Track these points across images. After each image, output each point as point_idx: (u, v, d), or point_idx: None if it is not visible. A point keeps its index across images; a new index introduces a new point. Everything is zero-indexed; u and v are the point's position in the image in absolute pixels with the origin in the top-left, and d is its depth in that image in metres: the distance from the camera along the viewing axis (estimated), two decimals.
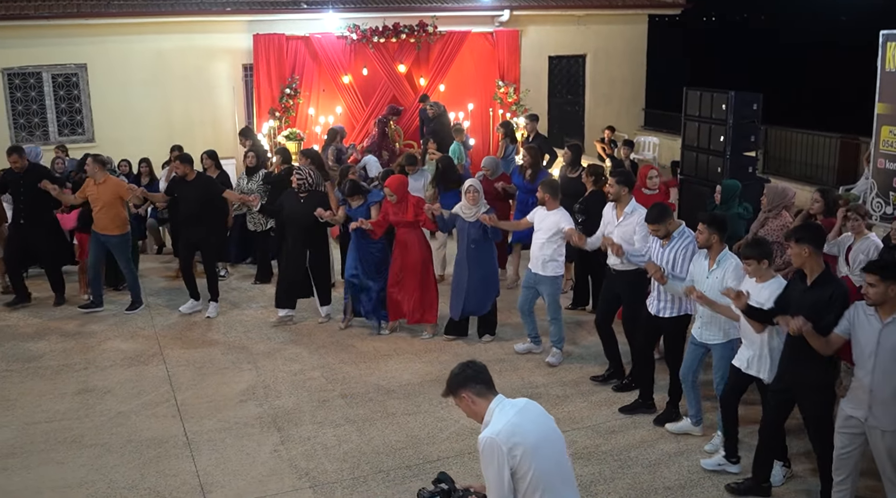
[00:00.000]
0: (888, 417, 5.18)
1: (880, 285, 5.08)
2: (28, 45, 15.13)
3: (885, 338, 5.13)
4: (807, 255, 5.56)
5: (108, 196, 9.88)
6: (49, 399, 7.86)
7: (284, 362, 8.64)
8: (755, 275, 6.01)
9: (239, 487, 6.30)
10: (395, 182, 9.08)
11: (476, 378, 4.09)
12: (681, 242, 6.95)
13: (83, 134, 15.88)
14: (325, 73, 15.99)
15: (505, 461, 3.86)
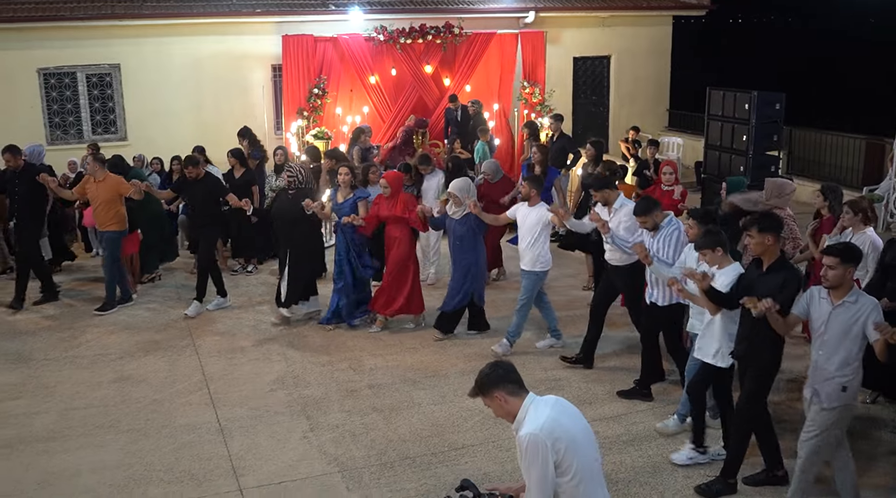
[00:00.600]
0: (827, 394, 5.47)
1: (839, 268, 5.34)
2: (63, 45, 15.50)
3: (833, 319, 5.41)
4: (770, 243, 5.81)
5: (108, 193, 10.06)
6: (86, 387, 8.13)
7: (313, 354, 8.87)
8: (713, 263, 6.27)
9: (270, 471, 6.52)
10: (392, 176, 9.39)
11: (507, 378, 4.16)
12: (667, 231, 7.24)
13: (116, 133, 16.24)
14: (353, 74, 16.23)
15: (549, 457, 3.94)
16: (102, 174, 10.10)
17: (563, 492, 4.02)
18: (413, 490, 6.22)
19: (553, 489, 3.99)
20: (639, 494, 6.18)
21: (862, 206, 7.62)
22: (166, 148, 14.04)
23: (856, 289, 5.48)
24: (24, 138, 14.51)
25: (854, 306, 5.36)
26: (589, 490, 4.04)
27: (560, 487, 4.00)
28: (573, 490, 4.00)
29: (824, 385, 5.48)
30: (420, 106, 16.60)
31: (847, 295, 5.40)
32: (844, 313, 5.38)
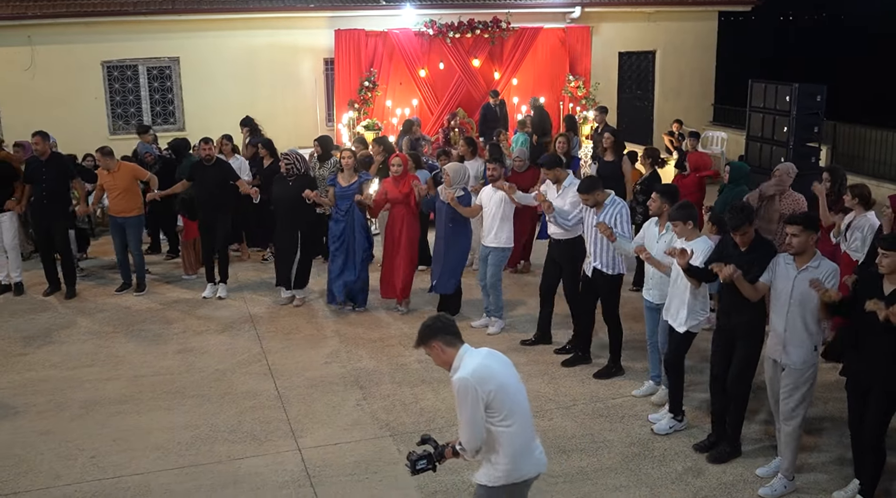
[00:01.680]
0: (798, 355, 5.86)
1: (802, 235, 5.73)
2: (126, 39, 16.16)
3: (798, 283, 5.78)
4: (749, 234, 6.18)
5: (125, 182, 10.41)
6: (153, 357, 8.67)
7: (365, 331, 9.31)
8: (682, 235, 6.71)
9: (326, 434, 6.97)
10: (405, 156, 9.91)
11: (445, 329, 4.60)
12: (613, 209, 7.69)
13: (174, 123, 16.87)
14: (402, 67, 16.65)
15: (479, 398, 4.38)
16: (116, 164, 10.46)
17: (494, 431, 4.47)
18: None
19: (483, 429, 4.44)
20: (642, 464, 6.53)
21: (862, 192, 7.95)
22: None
23: (818, 254, 5.86)
24: (88, 128, 15.33)
25: (816, 271, 5.74)
26: (518, 431, 4.50)
27: (492, 426, 4.45)
28: (504, 430, 4.46)
29: (797, 348, 5.88)
30: (467, 99, 16.97)
31: (810, 260, 5.80)
32: (807, 277, 5.71)
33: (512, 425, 4.48)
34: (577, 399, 7.58)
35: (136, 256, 10.82)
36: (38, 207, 10.49)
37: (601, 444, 6.77)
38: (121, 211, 10.51)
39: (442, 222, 9.48)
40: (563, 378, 8.01)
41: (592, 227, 7.78)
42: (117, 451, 6.74)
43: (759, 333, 6.27)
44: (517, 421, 4.50)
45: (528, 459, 4.59)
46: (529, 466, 4.61)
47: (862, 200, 7.93)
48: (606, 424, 7.09)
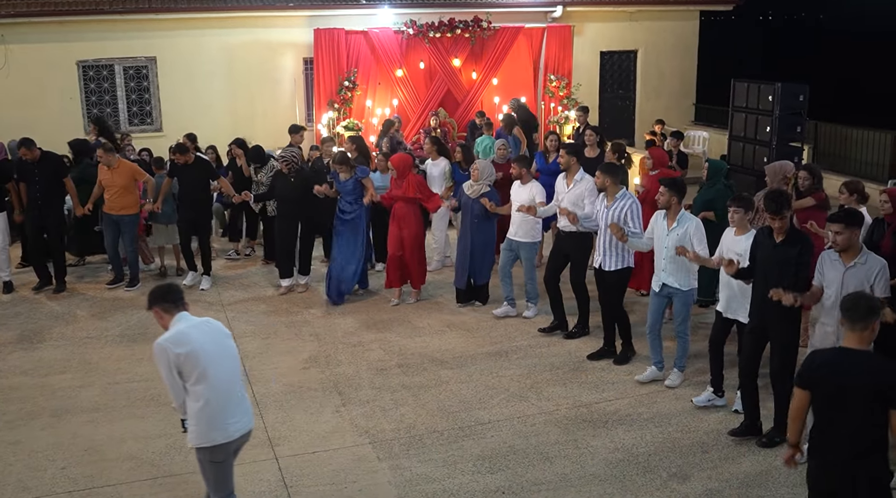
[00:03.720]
0: None
1: (845, 232, 5.80)
2: (101, 38, 15.89)
3: (848, 279, 5.85)
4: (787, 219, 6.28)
5: (124, 179, 10.46)
6: (128, 363, 8.48)
7: (344, 335, 9.17)
8: (738, 225, 6.86)
9: (304, 442, 6.82)
10: (397, 160, 10.02)
11: (164, 297, 5.03)
12: (624, 203, 7.91)
13: (152, 124, 16.64)
14: (382, 67, 16.50)
15: (170, 361, 4.83)
16: (116, 161, 10.50)
17: (192, 393, 4.88)
18: (440, 460, 6.49)
19: (179, 388, 4.91)
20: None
21: (856, 187, 7.97)
22: (200, 138, 14.27)
23: (864, 249, 5.94)
24: (63, 129, 15.01)
25: (864, 266, 5.85)
26: (208, 397, 4.87)
27: (188, 388, 4.88)
28: (193, 393, 4.87)
29: None
30: (448, 99, 16.84)
31: (858, 256, 5.88)
32: (857, 273, 5.83)
33: (201, 390, 4.86)
34: (560, 404, 7.46)
35: (129, 252, 10.87)
36: (32, 208, 10.55)
37: (585, 450, 6.65)
38: (118, 209, 10.55)
39: (468, 217, 9.72)
40: (547, 384, 7.89)
41: (605, 223, 7.97)
42: (89, 461, 6.56)
43: (797, 325, 6.41)
44: (208, 387, 4.86)
45: (215, 425, 4.92)
46: (217, 432, 4.93)
47: (859, 196, 7.89)
48: (590, 430, 6.97)
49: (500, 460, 6.50)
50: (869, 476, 4.41)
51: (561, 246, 8.93)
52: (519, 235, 9.30)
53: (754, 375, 6.67)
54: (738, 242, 6.85)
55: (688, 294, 7.55)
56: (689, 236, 7.25)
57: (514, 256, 9.46)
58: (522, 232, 9.28)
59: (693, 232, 7.28)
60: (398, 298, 10.16)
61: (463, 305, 9.96)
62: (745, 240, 6.78)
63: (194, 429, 4.92)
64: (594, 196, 8.45)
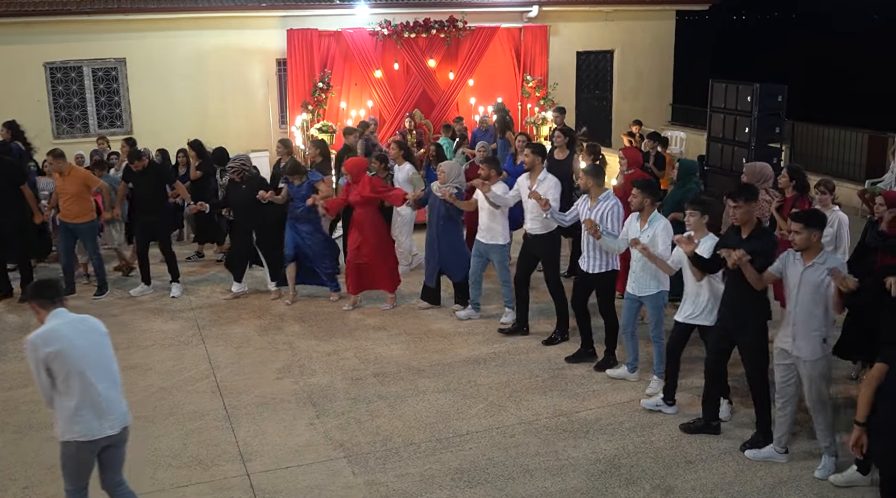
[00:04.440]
0: (808, 348, 5.99)
1: (804, 232, 5.85)
2: (69, 39, 15.58)
3: (805, 278, 5.93)
4: (751, 211, 6.33)
5: (76, 186, 10.13)
6: None
7: (318, 343, 8.95)
8: (695, 228, 6.83)
9: (277, 456, 6.60)
10: (351, 164, 9.84)
11: (41, 294, 5.08)
12: (606, 205, 7.86)
13: (122, 126, 16.32)
14: (357, 68, 16.28)
15: (39, 358, 4.88)
16: (67, 168, 10.20)
17: (62, 390, 4.93)
18: (417, 475, 6.30)
19: (46, 385, 4.95)
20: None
21: (831, 186, 8.06)
22: (172, 141, 14.07)
23: (825, 251, 5.99)
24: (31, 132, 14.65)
25: (823, 266, 5.88)
26: (75, 395, 4.92)
27: (58, 385, 4.93)
28: (61, 390, 4.93)
29: (807, 341, 5.98)
30: (424, 100, 16.66)
31: (817, 256, 5.91)
32: (815, 272, 5.89)
33: (71, 388, 4.91)
34: (540, 413, 7.29)
35: (94, 260, 10.61)
36: None
37: (566, 462, 6.48)
38: (72, 216, 10.24)
39: (434, 218, 9.63)
40: (526, 392, 7.71)
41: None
42: (52, 479, 6.27)
43: (763, 322, 6.42)
44: (78, 385, 4.92)
45: (84, 423, 4.97)
46: (85, 429, 4.99)
47: (831, 195, 8.03)
48: (571, 441, 6.80)
49: (479, 474, 6.32)
50: None
51: (529, 248, 8.82)
52: (486, 238, 9.17)
53: (719, 377, 6.72)
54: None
55: (657, 297, 7.50)
56: (656, 237, 7.23)
57: (484, 260, 9.34)
58: (490, 235, 9.14)
59: (659, 232, 7.25)
60: (352, 305, 9.97)
61: (428, 306, 9.85)
62: (701, 242, 6.74)
63: (63, 424, 5.00)
64: (557, 193, 8.54)
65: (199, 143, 12.10)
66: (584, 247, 8.06)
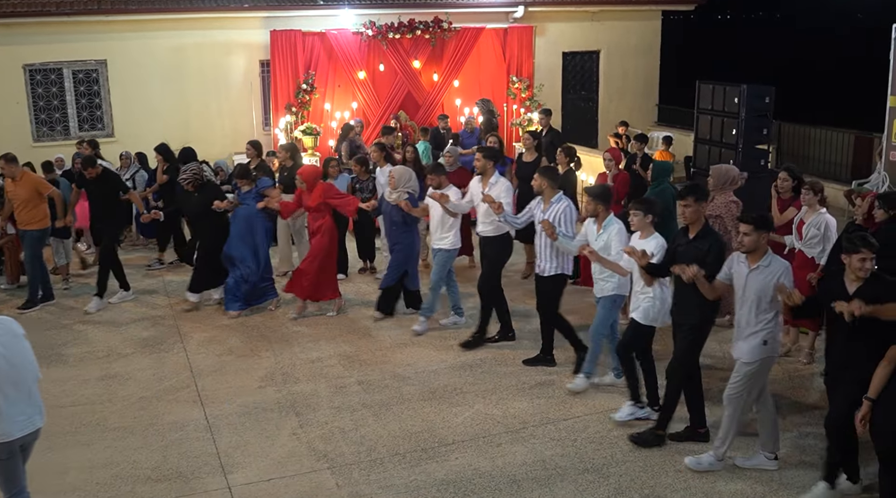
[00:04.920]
0: (747, 349, 6.02)
1: (753, 234, 5.85)
2: (49, 41, 15.32)
3: (751, 281, 5.94)
4: (700, 210, 6.36)
5: (27, 193, 9.91)
6: (73, 385, 8.06)
7: (302, 350, 8.81)
8: (638, 227, 6.87)
9: (259, 468, 6.46)
10: (306, 172, 9.74)
11: None
12: (559, 207, 7.79)
13: (103, 129, 16.09)
14: (341, 69, 16.16)
15: None
16: (19, 173, 9.96)
17: None
18: (402, 486, 6.18)
19: None
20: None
21: (818, 188, 7.97)
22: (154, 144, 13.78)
23: (770, 253, 5.99)
24: (10, 135, 14.53)
25: (767, 269, 5.90)
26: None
27: None
28: None
29: (747, 341, 6.01)
30: (409, 101, 16.56)
31: (762, 259, 5.92)
32: (759, 275, 5.91)
33: None
34: (527, 421, 7.18)
35: (28, 270, 10.30)
36: None
37: (553, 471, 6.37)
38: (24, 223, 10.05)
39: (388, 223, 9.58)
40: (513, 399, 7.59)
41: (540, 228, 7.82)
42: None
43: (707, 326, 6.46)
44: None
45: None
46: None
47: (822, 197, 7.94)
48: (559, 449, 6.69)
49: (466, 485, 6.20)
50: None
51: (483, 250, 8.86)
52: (434, 242, 9.11)
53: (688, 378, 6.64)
54: (640, 245, 6.75)
55: (610, 299, 7.43)
56: (610, 240, 7.25)
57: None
58: (437, 237, 9.05)
59: (613, 235, 7.23)
60: (299, 312, 9.76)
61: (382, 315, 9.65)
62: (646, 243, 6.76)
63: None
64: (509, 197, 8.51)
65: (165, 148, 11.96)
66: (537, 249, 7.98)
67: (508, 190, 8.63)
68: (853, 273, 5.52)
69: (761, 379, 6.14)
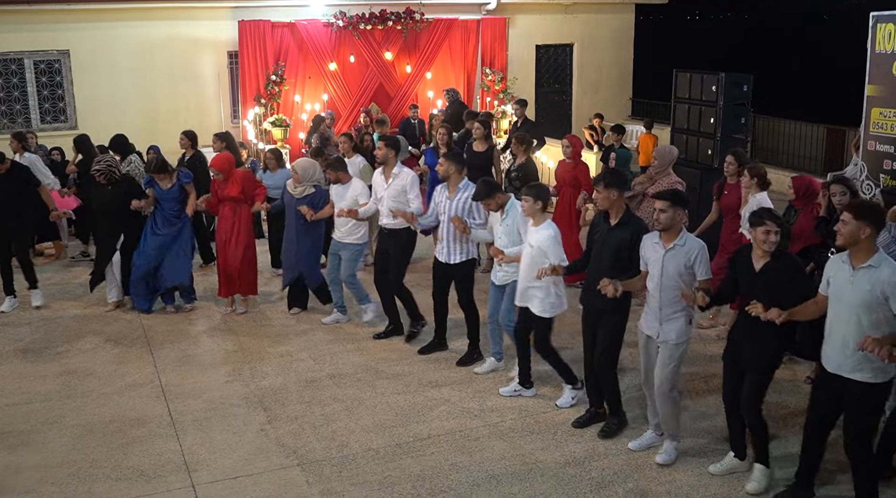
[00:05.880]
0: (674, 331, 5.88)
1: (669, 210, 5.74)
2: (9, 30, 14.83)
3: (667, 261, 5.81)
4: (614, 198, 6.21)
5: None
6: (30, 381, 7.69)
7: (271, 344, 8.51)
8: (529, 213, 6.74)
9: (225, 466, 6.16)
10: (219, 160, 9.24)
11: None
12: (467, 194, 7.59)
13: (66, 121, 15.64)
14: (311, 61, 15.87)
15: None
16: None
17: None
18: (376, 482, 5.90)
19: None
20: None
21: (759, 171, 8.01)
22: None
23: (684, 231, 5.89)
24: None
25: (683, 248, 5.79)
26: None
27: None
28: None
29: (672, 324, 5.88)
30: (380, 93, 16.30)
31: (677, 238, 5.81)
32: (676, 255, 5.79)
33: None
34: (506, 414, 6.93)
35: None
36: None
37: (533, 466, 6.12)
38: None
39: (291, 218, 8.98)
40: (490, 392, 7.34)
41: (447, 214, 7.69)
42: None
43: (625, 311, 6.33)
44: None
45: None
46: None
47: (760, 180, 7.97)
48: (538, 443, 6.45)
49: (442, 480, 5.94)
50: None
51: (385, 244, 8.40)
52: (340, 236, 8.72)
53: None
54: (532, 232, 6.72)
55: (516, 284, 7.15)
56: (516, 225, 7.09)
57: (340, 259, 8.84)
58: (344, 232, 8.67)
59: (520, 221, 7.05)
60: (230, 307, 9.41)
61: (298, 311, 9.39)
62: (540, 231, 6.67)
63: None
64: (416, 189, 8.22)
65: (81, 139, 11.53)
66: (441, 236, 7.82)
67: (415, 181, 8.26)
68: (759, 248, 5.48)
69: (683, 360, 6.08)
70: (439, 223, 8.00)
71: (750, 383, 5.59)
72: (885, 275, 4.90)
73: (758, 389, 5.60)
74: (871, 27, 10.46)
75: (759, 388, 5.60)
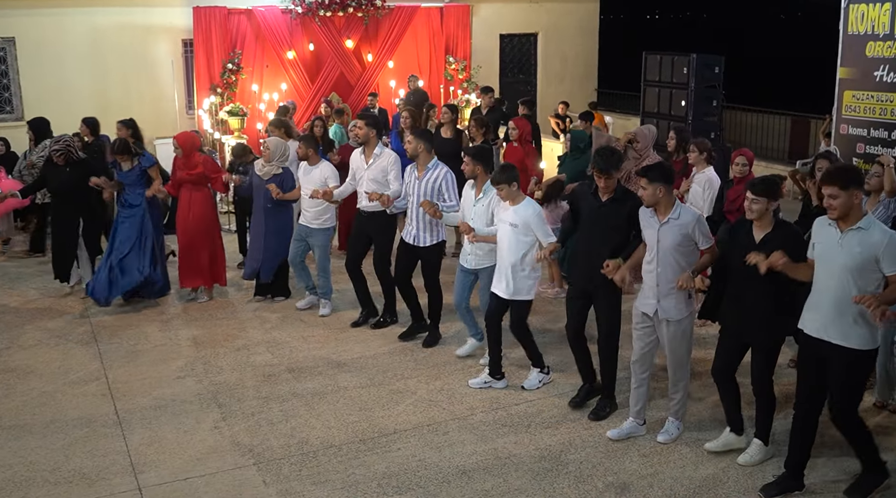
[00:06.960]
0: (675, 307, 5.69)
1: (649, 187, 5.54)
2: None
3: (663, 236, 5.64)
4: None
5: None
6: None
7: (226, 338, 8.05)
8: (507, 198, 6.49)
9: (175, 466, 5.71)
10: (182, 137, 8.91)
11: None
12: (437, 173, 7.44)
13: (12, 112, 14.94)
14: (269, 49, 15.37)
15: None
16: None
17: None
18: (339, 481, 5.49)
19: None
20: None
21: (706, 147, 8.00)
22: (68, 127, 12.66)
23: (678, 204, 5.69)
24: None
25: (678, 221, 5.60)
26: None
27: None
28: None
29: (672, 298, 5.67)
30: (341, 82, 15.84)
31: (671, 212, 5.62)
32: (671, 229, 5.61)
33: None
34: (476, 407, 6.55)
35: None
36: None
37: (507, 460, 5.75)
38: None
39: (260, 201, 8.65)
40: (459, 384, 6.96)
41: (416, 196, 7.49)
42: None
43: (619, 291, 6.15)
44: None
45: None
46: None
47: (707, 156, 7.97)
48: (512, 436, 6.07)
49: (410, 477, 5.54)
50: None
51: (363, 228, 8.08)
52: (308, 220, 8.43)
53: (582, 339, 6.44)
54: (513, 212, 6.49)
55: (491, 269, 6.92)
56: (491, 207, 6.88)
57: (305, 245, 8.57)
58: (311, 215, 8.39)
59: (496, 203, 6.79)
60: (193, 293, 9.11)
61: (262, 298, 9.05)
62: (521, 209, 6.47)
63: None
64: (397, 169, 7.89)
65: (39, 123, 11.05)
66: (410, 218, 7.61)
67: (396, 162, 7.93)
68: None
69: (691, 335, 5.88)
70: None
71: (759, 360, 5.48)
72: (877, 238, 4.77)
73: (767, 364, 5.49)
74: (843, 9, 10.28)
75: (769, 363, 5.51)
